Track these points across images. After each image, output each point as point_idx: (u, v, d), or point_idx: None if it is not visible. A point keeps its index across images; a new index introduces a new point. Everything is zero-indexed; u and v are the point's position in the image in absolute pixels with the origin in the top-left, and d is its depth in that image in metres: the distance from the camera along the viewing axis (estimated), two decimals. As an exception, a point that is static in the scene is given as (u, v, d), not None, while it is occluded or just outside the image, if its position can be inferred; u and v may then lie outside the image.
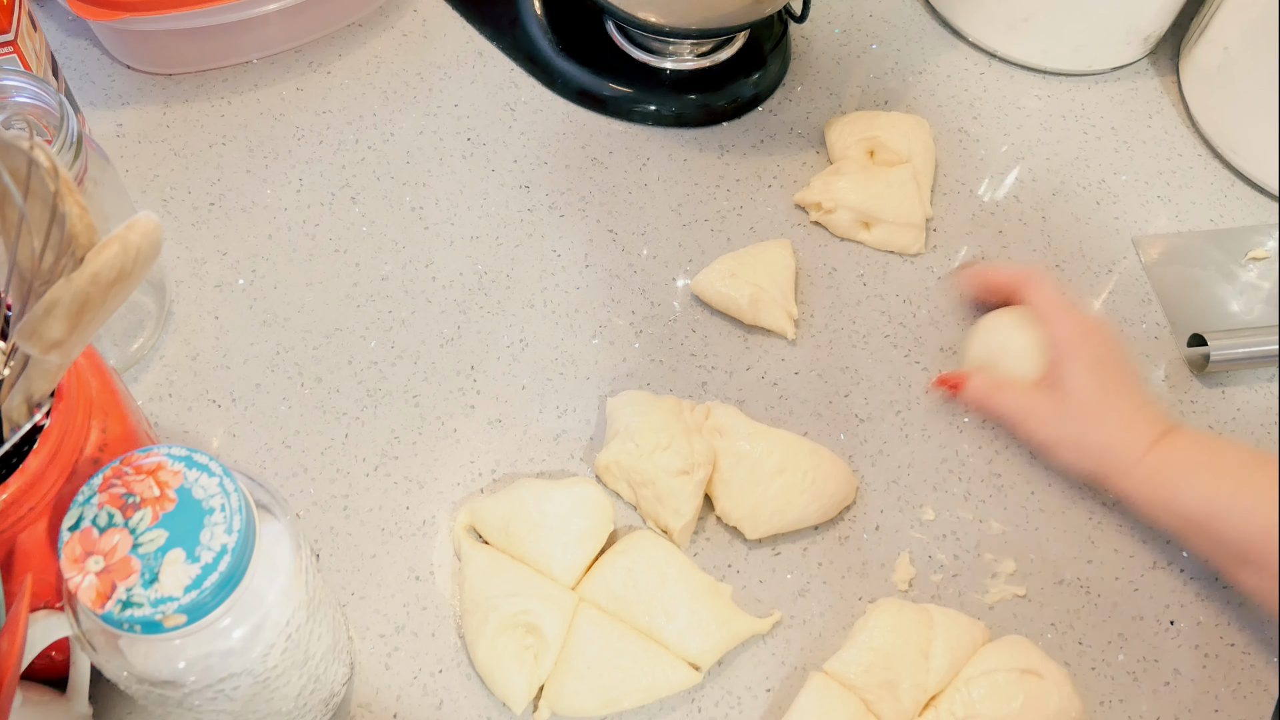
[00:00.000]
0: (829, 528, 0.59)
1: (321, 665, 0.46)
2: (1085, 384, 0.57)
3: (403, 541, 0.57)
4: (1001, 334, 0.62)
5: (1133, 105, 0.80)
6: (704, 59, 0.77)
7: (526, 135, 0.74)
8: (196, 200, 0.69)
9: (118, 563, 0.36)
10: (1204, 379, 0.66)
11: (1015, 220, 0.73)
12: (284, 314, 0.64)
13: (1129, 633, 0.57)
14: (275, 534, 0.41)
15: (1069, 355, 0.58)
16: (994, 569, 0.58)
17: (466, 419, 0.61)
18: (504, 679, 0.51)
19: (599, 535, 0.55)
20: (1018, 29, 0.79)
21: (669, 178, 0.73)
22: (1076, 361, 0.57)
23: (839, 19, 0.83)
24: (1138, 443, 0.56)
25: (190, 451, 0.39)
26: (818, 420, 0.63)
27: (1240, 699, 0.55)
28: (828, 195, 0.69)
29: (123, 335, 0.61)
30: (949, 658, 0.53)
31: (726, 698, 0.54)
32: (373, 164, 0.71)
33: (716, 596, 0.54)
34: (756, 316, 0.65)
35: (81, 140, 0.51)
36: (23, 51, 0.60)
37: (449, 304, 0.66)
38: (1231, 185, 0.76)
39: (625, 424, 0.58)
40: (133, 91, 0.73)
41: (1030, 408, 0.59)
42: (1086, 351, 0.58)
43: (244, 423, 0.60)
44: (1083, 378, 0.57)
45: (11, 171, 0.34)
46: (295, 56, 0.76)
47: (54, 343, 0.36)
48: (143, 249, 0.35)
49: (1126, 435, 0.56)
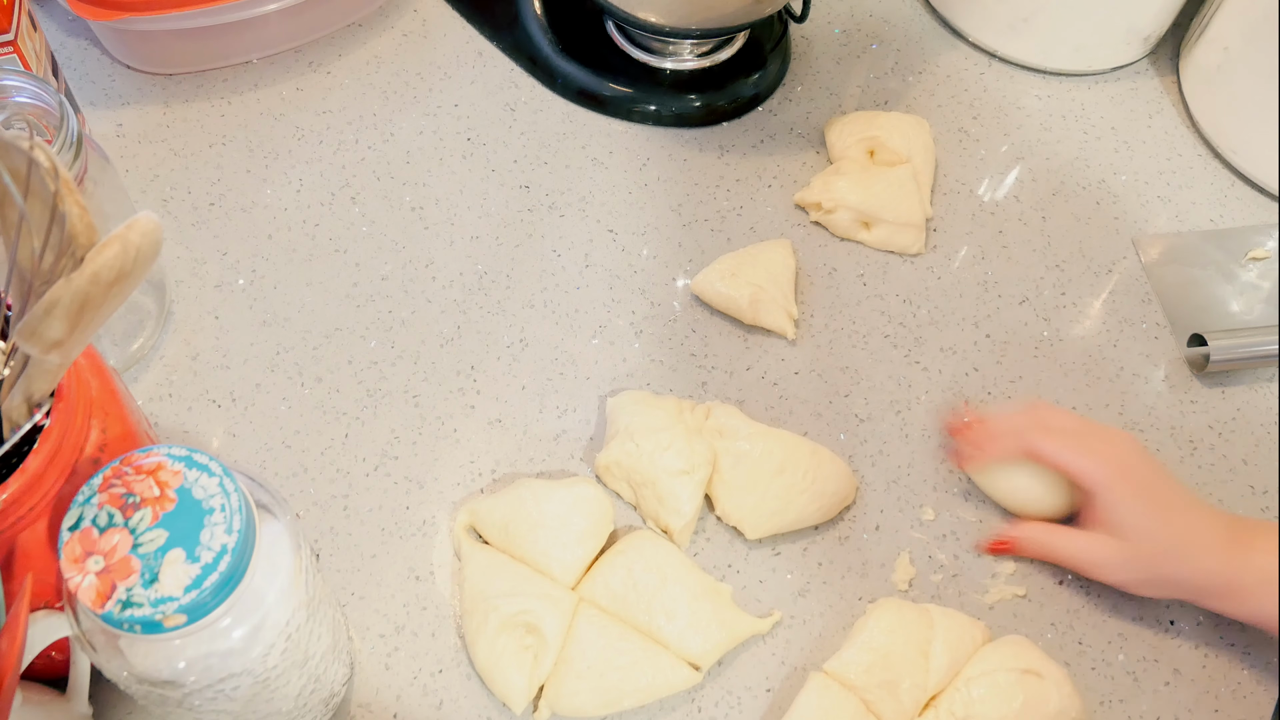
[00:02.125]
0: (829, 528, 0.59)
1: (321, 665, 0.46)
2: (1144, 524, 0.54)
3: (403, 541, 0.57)
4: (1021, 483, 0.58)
5: (1133, 105, 0.80)
6: (704, 59, 0.77)
7: (526, 135, 0.74)
8: (196, 200, 0.69)
9: (118, 563, 0.36)
10: (1204, 379, 0.66)
11: (1015, 220, 0.73)
12: (284, 314, 0.64)
13: (1129, 633, 0.57)
14: (275, 534, 0.41)
15: (1110, 498, 0.54)
16: (994, 569, 0.58)
17: (466, 419, 0.61)
18: (504, 679, 0.51)
19: (599, 535, 0.55)
20: (1018, 29, 0.79)
21: (669, 178, 0.72)
22: (1122, 501, 0.54)
23: (839, 19, 0.83)
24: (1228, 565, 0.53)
25: (190, 451, 0.39)
26: (818, 420, 0.63)
27: (1240, 699, 0.55)
28: (828, 195, 0.69)
29: (123, 335, 0.61)
30: (949, 658, 0.53)
31: (726, 698, 0.54)
32: (373, 164, 0.71)
33: (716, 596, 0.54)
34: (756, 316, 0.65)
35: (81, 140, 0.51)
36: (23, 51, 0.60)
37: (449, 304, 0.66)
38: (1231, 185, 0.76)
39: (625, 424, 0.58)
40: (133, 91, 0.73)
41: (1098, 559, 0.55)
42: (1127, 486, 0.54)
43: (244, 423, 0.60)
44: (1139, 517, 0.54)
45: (11, 171, 0.34)
46: (295, 56, 0.76)
47: (54, 343, 0.36)
48: (143, 249, 0.35)
49: (1213, 562, 0.53)
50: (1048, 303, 0.69)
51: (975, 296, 0.69)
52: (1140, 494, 0.54)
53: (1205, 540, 0.53)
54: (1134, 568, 0.54)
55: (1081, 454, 0.55)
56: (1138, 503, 0.54)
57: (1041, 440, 0.56)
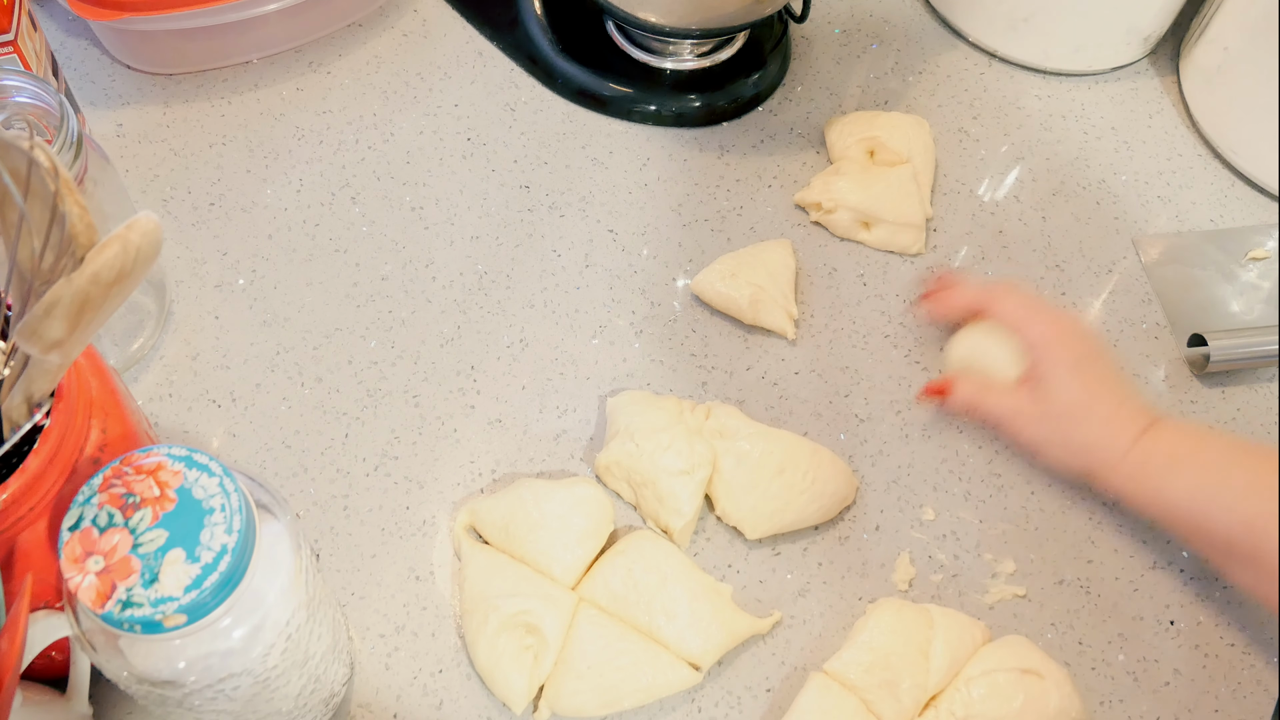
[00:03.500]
0: (829, 528, 0.59)
1: (321, 665, 0.46)
2: (1067, 383, 0.57)
3: (403, 541, 0.57)
4: (978, 342, 0.62)
5: (1133, 105, 0.80)
6: (704, 59, 0.77)
7: (526, 135, 0.74)
8: (196, 200, 0.69)
9: (118, 563, 0.36)
10: (1204, 379, 0.66)
11: (1015, 220, 0.73)
12: (284, 314, 0.64)
13: (1129, 633, 0.57)
14: (275, 534, 0.41)
15: (1048, 356, 0.58)
16: (994, 569, 0.58)
17: (466, 419, 0.61)
18: (504, 679, 0.51)
19: (599, 535, 0.55)
20: (1018, 29, 0.79)
21: (669, 178, 0.73)
22: (1056, 362, 0.57)
23: (839, 19, 0.83)
24: (1122, 437, 0.56)
25: (190, 451, 0.39)
26: (818, 420, 0.63)
27: (1240, 699, 0.55)
28: (828, 195, 0.69)
29: (123, 335, 0.61)
30: (949, 658, 0.53)
31: (726, 698, 0.54)
32: (373, 164, 0.71)
33: (716, 596, 0.54)
34: (756, 316, 0.65)
35: (81, 140, 0.51)
36: (23, 51, 0.60)
37: (449, 304, 0.66)
38: (1231, 185, 0.76)
39: (625, 424, 0.58)
40: (133, 91, 0.73)
41: (1016, 409, 0.59)
42: (1065, 351, 0.58)
43: (244, 423, 0.60)
44: (1064, 377, 0.57)
45: (11, 171, 0.34)
46: (295, 56, 0.76)
47: (54, 343, 0.36)
48: (143, 249, 0.35)
49: (1111, 430, 0.56)
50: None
51: (975, 296, 0.69)
52: (1071, 358, 0.58)
53: (1117, 415, 0.56)
54: (1047, 424, 0.58)
55: (1029, 315, 0.59)
56: (1067, 365, 0.57)
57: (1001, 298, 0.60)
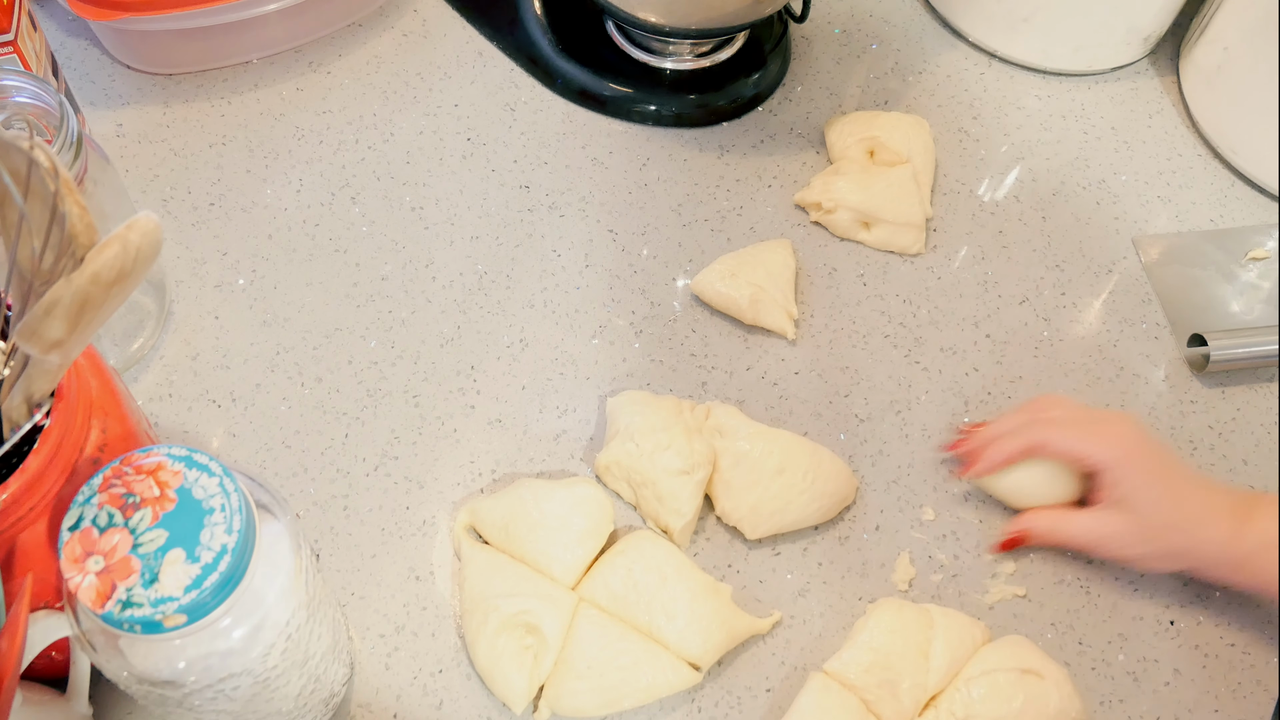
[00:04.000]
0: (829, 528, 0.59)
1: (321, 665, 0.46)
2: (1154, 499, 0.55)
3: (403, 541, 0.57)
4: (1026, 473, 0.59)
5: (1133, 105, 0.80)
6: (704, 59, 0.77)
7: (526, 135, 0.74)
8: (196, 200, 0.69)
9: (118, 563, 0.36)
10: (1204, 379, 0.66)
11: (1015, 220, 0.73)
12: (284, 314, 0.64)
13: (1129, 633, 0.57)
14: (275, 534, 0.41)
15: (1125, 480, 0.56)
16: (994, 569, 0.58)
17: (466, 419, 0.61)
18: (504, 679, 0.51)
19: (599, 535, 0.55)
20: (1018, 29, 0.79)
21: (669, 178, 0.73)
22: (1136, 485, 0.56)
23: (839, 19, 0.83)
24: (1221, 530, 0.54)
25: (190, 451, 0.39)
26: (818, 420, 0.63)
27: (1240, 699, 0.55)
28: (828, 195, 0.69)
29: (123, 335, 0.61)
30: (949, 658, 0.53)
31: (726, 698, 0.54)
32: (373, 164, 0.71)
33: (716, 596, 0.54)
34: (756, 316, 0.65)
35: (81, 140, 0.51)
36: (23, 51, 0.60)
37: (449, 304, 0.66)
38: (1231, 185, 0.76)
39: (625, 424, 0.58)
40: (133, 91, 0.73)
41: (1107, 534, 0.56)
42: (1138, 469, 0.56)
43: (244, 423, 0.60)
44: (1148, 494, 0.55)
45: (11, 171, 0.34)
46: (295, 56, 0.76)
47: (54, 343, 0.36)
48: (143, 249, 0.35)
49: (1207, 528, 0.55)
50: (1048, 303, 0.69)
51: (975, 296, 0.69)
52: (1147, 470, 0.56)
53: (1210, 512, 0.55)
54: (1143, 541, 0.56)
55: (1087, 439, 0.57)
56: (1145, 478, 0.56)
57: (1045, 433, 0.58)
